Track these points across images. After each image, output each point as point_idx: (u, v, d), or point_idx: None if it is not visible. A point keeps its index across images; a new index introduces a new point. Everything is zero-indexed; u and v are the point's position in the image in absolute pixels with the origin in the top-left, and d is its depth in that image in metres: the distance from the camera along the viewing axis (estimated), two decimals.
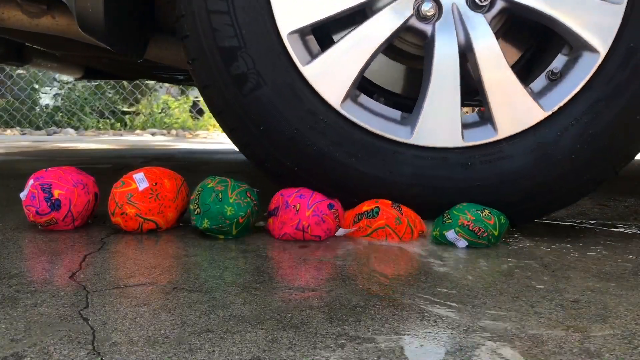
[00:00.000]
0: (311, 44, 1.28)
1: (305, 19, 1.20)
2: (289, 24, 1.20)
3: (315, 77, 1.21)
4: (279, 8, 1.19)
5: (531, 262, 1.06)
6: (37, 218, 1.16)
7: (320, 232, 1.15)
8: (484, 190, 1.23)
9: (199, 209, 1.16)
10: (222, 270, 0.95)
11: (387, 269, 0.99)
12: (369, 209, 1.16)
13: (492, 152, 1.23)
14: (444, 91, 1.23)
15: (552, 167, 1.22)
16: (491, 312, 0.79)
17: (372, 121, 1.25)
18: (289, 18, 1.20)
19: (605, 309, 0.82)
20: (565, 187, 1.25)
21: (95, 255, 1.02)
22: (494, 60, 1.22)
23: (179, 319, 0.74)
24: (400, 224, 1.13)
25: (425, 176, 1.24)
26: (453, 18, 1.22)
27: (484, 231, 1.11)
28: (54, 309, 0.76)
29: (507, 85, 1.22)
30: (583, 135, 1.21)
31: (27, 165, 2.52)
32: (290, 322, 0.74)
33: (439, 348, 0.67)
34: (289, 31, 1.20)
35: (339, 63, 1.22)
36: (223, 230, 1.15)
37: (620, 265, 1.05)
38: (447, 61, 1.22)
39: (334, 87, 1.22)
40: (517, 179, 1.23)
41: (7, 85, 6.22)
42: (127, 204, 1.17)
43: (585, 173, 1.23)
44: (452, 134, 1.23)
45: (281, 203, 1.19)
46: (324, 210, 1.16)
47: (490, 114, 1.23)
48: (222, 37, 1.19)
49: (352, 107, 1.25)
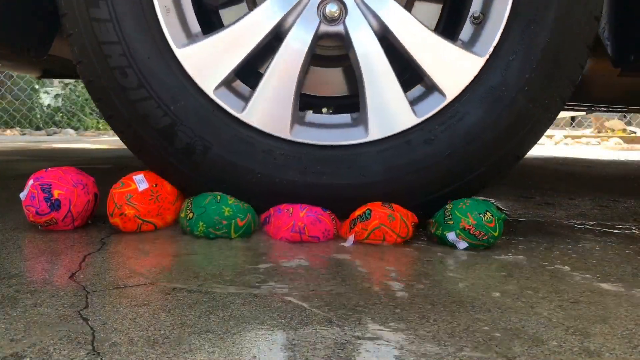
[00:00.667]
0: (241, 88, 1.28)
1: (223, 70, 1.20)
2: None
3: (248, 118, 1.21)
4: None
5: (531, 262, 1.06)
6: (37, 218, 1.16)
7: (317, 233, 1.15)
8: (456, 157, 1.21)
9: (192, 214, 1.16)
10: (222, 269, 0.95)
11: (387, 268, 0.99)
12: (361, 212, 1.16)
13: (448, 117, 1.20)
14: (379, 81, 1.21)
15: (509, 106, 1.19)
16: (490, 312, 0.79)
17: (324, 135, 1.24)
18: None
19: (605, 310, 0.82)
20: (531, 121, 1.21)
21: (95, 256, 1.02)
22: (413, 31, 1.20)
23: (178, 319, 0.74)
24: (393, 220, 1.13)
25: (397, 166, 1.21)
26: (359, 9, 1.21)
27: (484, 234, 1.11)
28: (53, 309, 0.76)
29: (436, 48, 1.20)
30: (527, 62, 1.18)
31: (27, 165, 2.52)
32: (290, 321, 0.74)
33: (439, 347, 0.67)
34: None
35: (271, 94, 1.21)
36: (220, 234, 1.15)
37: (620, 266, 1.05)
38: (370, 52, 1.21)
39: (274, 123, 1.21)
40: (481, 132, 1.20)
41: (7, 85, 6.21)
42: (126, 205, 1.17)
43: (542, 98, 1.20)
44: (404, 115, 1.21)
45: (273, 211, 1.19)
46: (319, 211, 1.16)
47: (432, 81, 1.21)
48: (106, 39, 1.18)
49: (300, 130, 1.24)
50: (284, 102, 1.21)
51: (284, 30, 1.21)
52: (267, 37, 1.21)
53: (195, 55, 1.20)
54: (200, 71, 1.20)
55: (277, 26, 1.21)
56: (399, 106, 1.21)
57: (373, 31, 1.21)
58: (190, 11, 1.25)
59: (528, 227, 1.37)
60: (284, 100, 1.21)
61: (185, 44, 1.20)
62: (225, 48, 1.20)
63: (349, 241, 1.14)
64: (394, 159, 1.21)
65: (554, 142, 5.28)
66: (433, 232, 1.17)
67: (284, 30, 1.21)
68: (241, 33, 1.20)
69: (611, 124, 6.13)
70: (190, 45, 1.20)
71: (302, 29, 1.21)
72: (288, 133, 1.22)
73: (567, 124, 6.89)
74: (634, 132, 6.10)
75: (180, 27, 1.22)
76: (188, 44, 1.20)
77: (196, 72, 1.19)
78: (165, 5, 1.20)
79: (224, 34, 1.20)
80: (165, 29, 1.19)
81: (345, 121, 1.29)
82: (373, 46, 1.21)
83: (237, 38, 1.20)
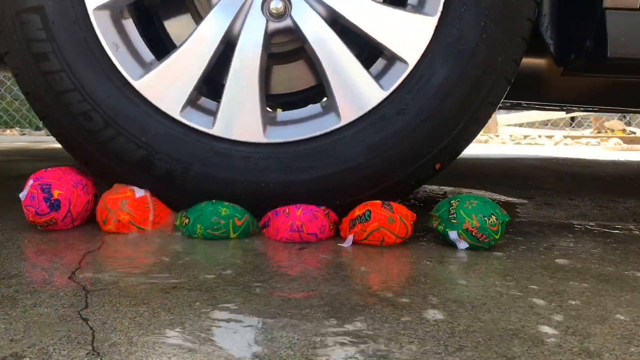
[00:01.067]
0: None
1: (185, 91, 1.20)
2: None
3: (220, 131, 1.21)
4: None
5: (530, 263, 1.06)
6: (37, 218, 1.16)
7: (315, 230, 1.15)
8: (433, 119, 1.20)
9: (188, 219, 1.16)
10: (222, 269, 0.95)
11: (386, 268, 0.99)
12: (361, 213, 1.15)
13: (415, 82, 1.19)
14: (339, 64, 1.20)
15: (471, 57, 1.18)
16: (490, 313, 0.79)
17: (299, 130, 1.23)
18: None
19: (605, 310, 0.82)
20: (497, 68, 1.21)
21: (95, 255, 1.02)
22: (361, 8, 1.18)
23: (178, 318, 0.74)
24: (393, 222, 1.13)
25: (377, 143, 1.20)
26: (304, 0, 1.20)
27: (486, 237, 1.11)
28: (53, 309, 0.76)
29: (387, 18, 1.19)
30: (479, 10, 1.17)
31: (26, 165, 2.52)
32: (289, 321, 0.74)
33: (438, 347, 0.67)
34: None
35: (236, 102, 1.21)
36: (219, 234, 1.15)
37: (620, 267, 1.05)
38: (323, 38, 1.20)
39: (246, 130, 1.21)
40: (451, 89, 1.19)
41: (7, 85, 6.21)
42: (121, 210, 1.16)
43: (502, 42, 1.19)
44: (372, 91, 1.20)
45: (271, 214, 1.19)
46: (314, 208, 1.17)
47: (391, 52, 1.21)
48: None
49: (274, 131, 1.23)
50: (250, 107, 1.21)
51: (234, 37, 1.21)
52: (219, 47, 1.20)
53: (154, 83, 1.19)
54: (163, 97, 1.19)
55: (226, 35, 1.20)
56: (365, 84, 1.21)
57: (322, 18, 1.20)
58: (139, 41, 1.25)
59: (528, 227, 1.37)
60: (250, 106, 1.21)
61: (141, 74, 1.20)
62: (181, 69, 1.20)
63: (347, 241, 1.14)
64: (372, 137, 1.20)
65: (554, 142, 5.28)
66: (435, 226, 1.16)
67: (234, 37, 1.21)
68: (193, 51, 1.20)
69: (611, 124, 6.13)
70: (147, 74, 1.19)
71: (252, 32, 1.20)
72: (262, 136, 1.21)
73: (566, 124, 6.89)
74: (634, 133, 6.10)
75: (133, 59, 1.22)
76: (144, 74, 1.20)
77: (159, 99, 1.19)
78: (113, 42, 1.19)
79: (177, 55, 1.20)
80: (119, 65, 1.18)
81: (317, 111, 1.28)
82: (325, 32, 1.20)
83: (190, 56, 1.20)
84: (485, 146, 4.72)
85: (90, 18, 1.17)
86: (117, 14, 1.22)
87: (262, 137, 1.22)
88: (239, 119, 1.21)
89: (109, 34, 1.19)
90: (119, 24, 1.23)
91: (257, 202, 1.22)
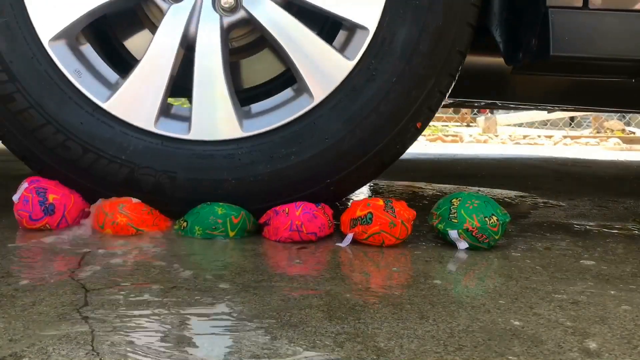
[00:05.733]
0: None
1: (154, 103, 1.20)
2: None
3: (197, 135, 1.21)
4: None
5: (530, 263, 1.06)
6: (31, 224, 1.14)
7: (314, 229, 1.15)
8: (405, 79, 1.19)
9: (186, 222, 1.16)
10: (221, 269, 0.95)
11: (386, 268, 0.99)
12: (363, 214, 1.14)
13: (379, 46, 1.18)
14: (301, 45, 1.20)
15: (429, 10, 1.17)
16: (490, 313, 0.79)
17: (275, 117, 1.22)
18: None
19: (605, 310, 0.82)
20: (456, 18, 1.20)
21: (94, 254, 1.02)
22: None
23: (178, 318, 0.74)
24: (394, 226, 1.13)
25: (354, 114, 1.20)
26: None
27: (486, 237, 1.11)
28: (52, 307, 0.76)
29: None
30: None
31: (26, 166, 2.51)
32: (289, 321, 0.74)
33: (438, 347, 0.67)
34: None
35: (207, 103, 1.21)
36: (218, 233, 1.15)
37: (620, 267, 1.05)
38: (280, 22, 1.19)
39: (222, 129, 1.21)
40: (416, 45, 1.18)
41: None
42: (118, 213, 1.15)
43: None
44: (338, 64, 1.19)
45: (271, 213, 1.19)
46: (313, 208, 1.17)
47: (350, 21, 1.19)
48: None
49: (251, 123, 1.23)
50: (221, 105, 1.21)
51: (192, 39, 1.20)
52: (179, 53, 1.20)
53: (123, 101, 1.19)
54: (134, 113, 1.19)
55: (183, 38, 1.20)
56: (330, 59, 1.20)
57: (274, 2, 1.20)
58: (100, 64, 1.25)
59: (528, 227, 1.37)
60: (221, 104, 1.21)
61: (109, 95, 1.20)
62: (147, 82, 1.20)
63: (346, 240, 1.14)
64: (348, 109, 1.20)
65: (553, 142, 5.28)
66: (435, 224, 1.16)
67: (191, 39, 1.21)
68: (154, 61, 1.19)
69: (610, 124, 6.13)
70: (115, 94, 1.19)
71: (208, 30, 1.19)
72: (240, 131, 1.21)
73: (566, 124, 6.89)
74: (633, 133, 6.10)
75: (98, 82, 1.22)
76: (112, 94, 1.19)
77: (131, 116, 1.19)
78: (75, 69, 1.19)
79: (139, 69, 1.19)
80: (85, 91, 1.18)
81: (289, 96, 1.28)
82: (281, 16, 1.19)
83: (153, 67, 1.20)
84: (484, 146, 4.72)
85: (47, 50, 1.17)
86: (73, 41, 1.22)
87: (240, 131, 1.21)
88: (213, 118, 1.21)
89: (69, 63, 1.19)
90: (77, 51, 1.22)
91: (250, 197, 1.22)
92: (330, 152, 1.21)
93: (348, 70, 1.20)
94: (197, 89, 1.20)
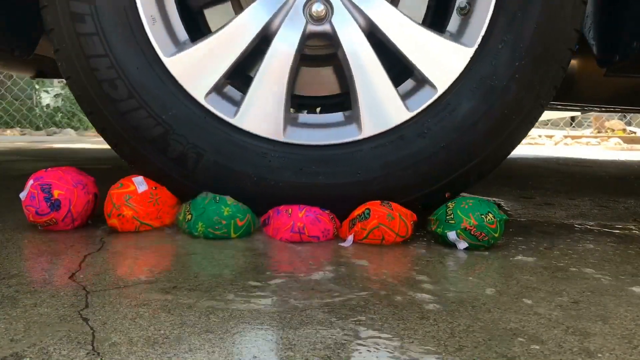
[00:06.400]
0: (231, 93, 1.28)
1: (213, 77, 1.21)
2: None
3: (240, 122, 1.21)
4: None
5: (531, 263, 1.06)
6: (37, 218, 1.16)
7: (317, 233, 1.15)
8: (452, 149, 1.20)
9: (190, 215, 1.16)
10: (222, 269, 0.95)
11: (387, 268, 0.99)
12: (360, 212, 1.15)
13: (441, 109, 1.20)
14: (369, 77, 1.20)
15: (500, 95, 1.19)
16: (490, 313, 0.79)
17: (318, 135, 1.23)
18: None
19: (605, 310, 0.82)
20: (523, 109, 1.21)
21: (95, 256, 1.02)
22: (400, 26, 1.19)
23: (178, 318, 0.74)
24: (392, 219, 1.13)
25: (392, 162, 1.21)
26: (345, 7, 1.20)
27: (485, 235, 1.11)
28: (53, 309, 0.76)
29: (424, 41, 1.20)
30: (516, 51, 1.17)
31: (27, 166, 2.52)
32: (290, 321, 0.74)
33: (438, 347, 0.67)
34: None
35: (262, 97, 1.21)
36: (220, 234, 1.15)
37: (620, 266, 1.05)
38: (358, 49, 1.20)
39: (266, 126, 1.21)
40: (475, 123, 1.20)
41: (7, 85, 6.21)
42: (125, 206, 1.16)
43: (535, 84, 1.19)
44: (397, 110, 1.21)
45: (272, 212, 1.19)
46: (317, 211, 1.16)
47: (422, 74, 1.21)
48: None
49: (294, 132, 1.23)
50: (275, 104, 1.21)
51: (271, 33, 1.21)
52: (254, 40, 1.21)
53: (184, 63, 1.19)
54: (190, 79, 1.19)
55: (264, 29, 1.20)
56: (391, 102, 1.21)
57: (360, 28, 1.20)
58: (176, 19, 1.25)
59: (528, 227, 1.37)
60: (275, 102, 1.21)
61: (173, 52, 1.20)
62: (214, 54, 1.20)
63: (347, 241, 1.14)
64: (389, 154, 1.21)
65: (554, 142, 5.28)
66: (433, 229, 1.17)
67: (271, 32, 1.21)
68: (229, 38, 1.20)
69: (611, 124, 6.13)
70: (179, 53, 1.20)
71: (289, 31, 1.20)
72: (281, 135, 1.21)
73: (566, 124, 6.89)
74: (634, 132, 6.10)
75: (168, 35, 1.22)
76: (176, 52, 1.20)
77: (186, 80, 1.19)
78: (151, 15, 1.19)
79: (212, 40, 1.20)
80: (153, 39, 1.18)
81: (338, 120, 1.28)
82: (361, 44, 1.20)
83: (225, 43, 1.20)
84: None
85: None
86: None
87: (282, 135, 1.22)
88: (261, 113, 1.21)
89: (149, 7, 1.19)
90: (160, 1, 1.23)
91: (263, 199, 1.22)
92: (355, 187, 1.22)
93: (403, 119, 1.21)
94: (258, 80, 1.21)
